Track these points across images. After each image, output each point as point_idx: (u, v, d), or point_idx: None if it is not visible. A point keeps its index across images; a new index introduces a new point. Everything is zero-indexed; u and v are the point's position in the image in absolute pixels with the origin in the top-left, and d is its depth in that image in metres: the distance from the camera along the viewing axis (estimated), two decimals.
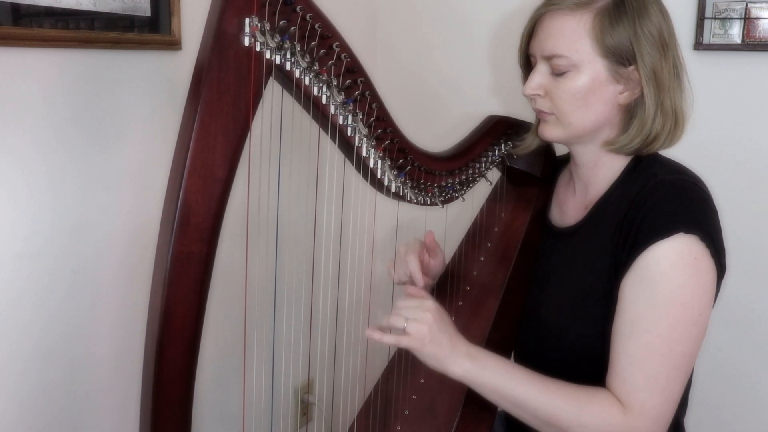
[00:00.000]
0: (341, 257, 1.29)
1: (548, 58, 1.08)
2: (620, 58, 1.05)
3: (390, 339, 1.01)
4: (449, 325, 1.05)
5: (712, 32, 1.59)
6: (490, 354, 1.05)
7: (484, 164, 1.24)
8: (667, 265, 0.99)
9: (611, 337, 1.03)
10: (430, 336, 1.00)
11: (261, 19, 0.88)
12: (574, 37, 1.05)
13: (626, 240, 1.03)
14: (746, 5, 1.56)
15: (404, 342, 1.01)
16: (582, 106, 1.08)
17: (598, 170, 1.14)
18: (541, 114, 1.13)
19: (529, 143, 1.22)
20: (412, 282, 1.18)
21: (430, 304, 1.04)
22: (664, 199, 1.02)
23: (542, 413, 1.02)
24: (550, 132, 1.13)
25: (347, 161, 1.07)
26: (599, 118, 1.09)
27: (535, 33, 1.11)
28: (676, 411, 1.14)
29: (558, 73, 1.07)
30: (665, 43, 1.06)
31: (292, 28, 0.91)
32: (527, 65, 1.16)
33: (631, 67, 1.05)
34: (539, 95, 1.11)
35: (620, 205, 1.07)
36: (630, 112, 1.09)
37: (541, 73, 1.10)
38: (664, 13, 1.08)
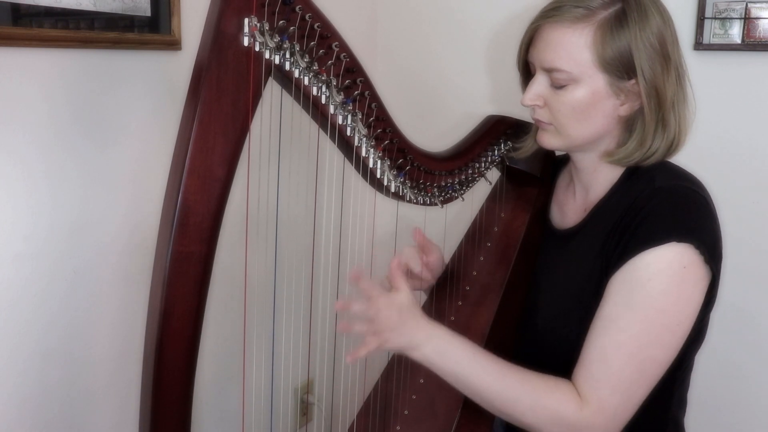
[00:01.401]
0: (341, 257, 1.29)
1: (548, 71, 1.07)
2: (621, 72, 1.03)
3: (362, 351, 1.01)
4: (409, 311, 1.03)
5: (712, 32, 1.59)
6: (453, 338, 1.04)
7: (483, 164, 1.24)
8: (654, 271, 0.99)
9: (588, 330, 1.03)
10: (387, 332, 1.00)
11: (260, 19, 0.88)
12: (574, 51, 1.03)
13: (618, 244, 1.03)
14: (746, 5, 1.56)
15: (370, 346, 1.01)
16: (581, 119, 1.07)
17: (598, 175, 1.14)
18: (540, 123, 1.12)
19: (529, 147, 1.22)
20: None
21: (381, 301, 1.01)
22: (660, 206, 1.02)
23: (497, 402, 1.02)
24: (549, 141, 1.12)
25: (347, 161, 1.07)
26: (598, 130, 1.08)
27: (534, 42, 1.09)
28: (676, 411, 1.14)
29: (557, 86, 1.06)
30: (667, 56, 1.04)
31: (292, 28, 0.91)
32: (526, 71, 1.15)
33: (632, 81, 1.04)
34: (538, 105, 1.10)
35: (617, 209, 1.07)
36: (630, 123, 1.08)
37: (540, 84, 1.09)
38: (666, 21, 1.05)
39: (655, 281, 0.99)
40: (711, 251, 1.00)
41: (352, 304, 1.03)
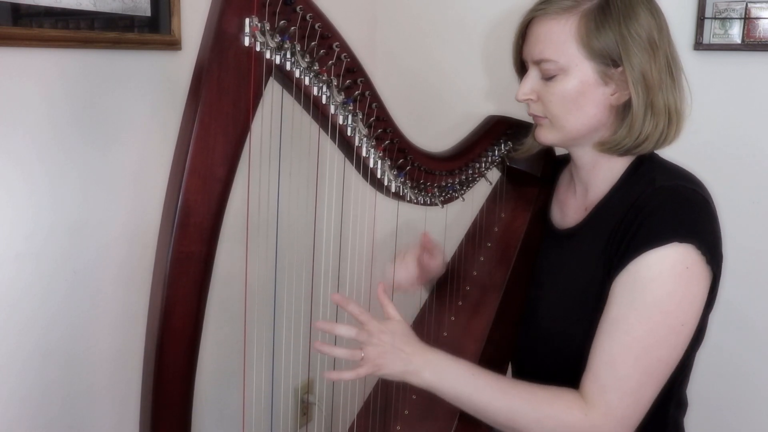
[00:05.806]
0: (341, 257, 1.29)
1: (537, 63, 1.08)
2: (607, 59, 1.04)
3: (349, 375, 1.03)
4: (403, 337, 1.04)
5: (712, 32, 1.59)
6: (450, 361, 1.05)
7: (484, 164, 1.24)
8: (657, 272, 0.99)
9: (595, 334, 1.03)
10: (382, 358, 1.02)
11: (261, 19, 0.88)
12: (560, 41, 1.05)
13: (620, 244, 1.03)
14: (746, 5, 1.56)
15: (362, 372, 1.02)
16: (573, 109, 1.07)
17: (598, 172, 1.14)
18: (536, 118, 1.13)
19: (529, 146, 1.22)
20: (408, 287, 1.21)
21: (374, 326, 1.03)
22: (661, 206, 1.02)
23: (502, 418, 1.03)
24: (545, 136, 1.13)
25: (347, 161, 1.07)
26: (592, 120, 1.08)
27: (525, 38, 1.11)
28: (675, 411, 1.14)
29: (547, 78, 1.07)
30: (654, 44, 1.04)
31: (292, 28, 0.91)
32: (522, 70, 1.15)
33: (620, 69, 1.04)
34: (532, 100, 1.11)
35: (619, 209, 1.07)
36: (623, 113, 1.08)
37: (531, 78, 1.10)
38: (654, 12, 1.06)
39: (658, 282, 0.99)
40: (712, 251, 1.00)
41: (340, 326, 1.05)
